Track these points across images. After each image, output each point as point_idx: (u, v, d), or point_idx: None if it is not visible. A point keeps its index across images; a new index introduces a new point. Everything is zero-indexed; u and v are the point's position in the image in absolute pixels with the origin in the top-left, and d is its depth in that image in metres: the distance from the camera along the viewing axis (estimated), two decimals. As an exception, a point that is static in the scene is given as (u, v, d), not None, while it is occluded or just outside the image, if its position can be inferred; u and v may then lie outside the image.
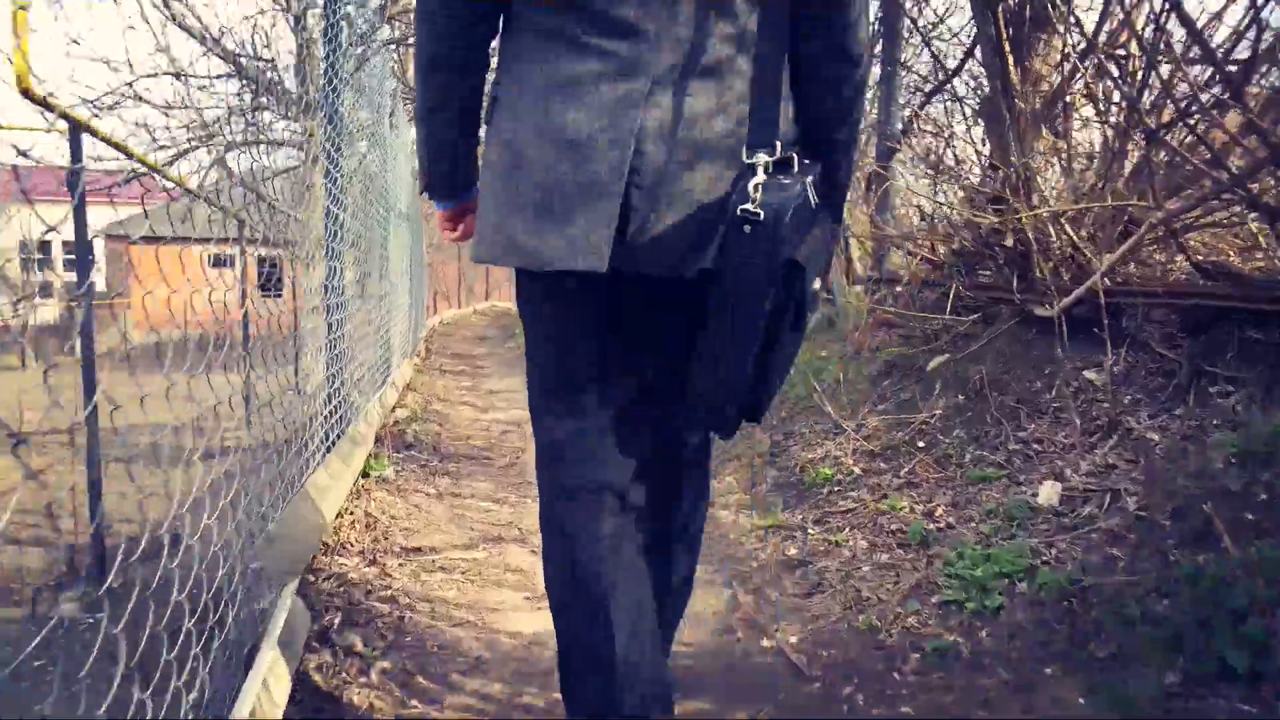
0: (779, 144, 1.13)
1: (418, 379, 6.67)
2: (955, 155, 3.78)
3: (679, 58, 1.13)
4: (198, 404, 1.60)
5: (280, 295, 3.52)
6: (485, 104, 1.27)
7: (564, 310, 1.28)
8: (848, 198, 1.43)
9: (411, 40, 8.04)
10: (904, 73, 4.76)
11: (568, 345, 1.30)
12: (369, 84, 5.24)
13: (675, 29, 1.12)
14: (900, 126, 4.47)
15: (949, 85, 3.86)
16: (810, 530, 2.68)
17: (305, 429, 2.62)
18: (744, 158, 1.13)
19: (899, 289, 4.49)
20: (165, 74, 7.19)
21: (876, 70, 5.11)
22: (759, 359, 1.15)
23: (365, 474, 3.24)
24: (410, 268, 7.39)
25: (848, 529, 2.61)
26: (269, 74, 7.12)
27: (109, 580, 1.20)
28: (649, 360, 1.32)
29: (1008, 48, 3.32)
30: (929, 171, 4.02)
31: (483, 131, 1.29)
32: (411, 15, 7.79)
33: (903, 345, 3.90)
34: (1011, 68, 3.28)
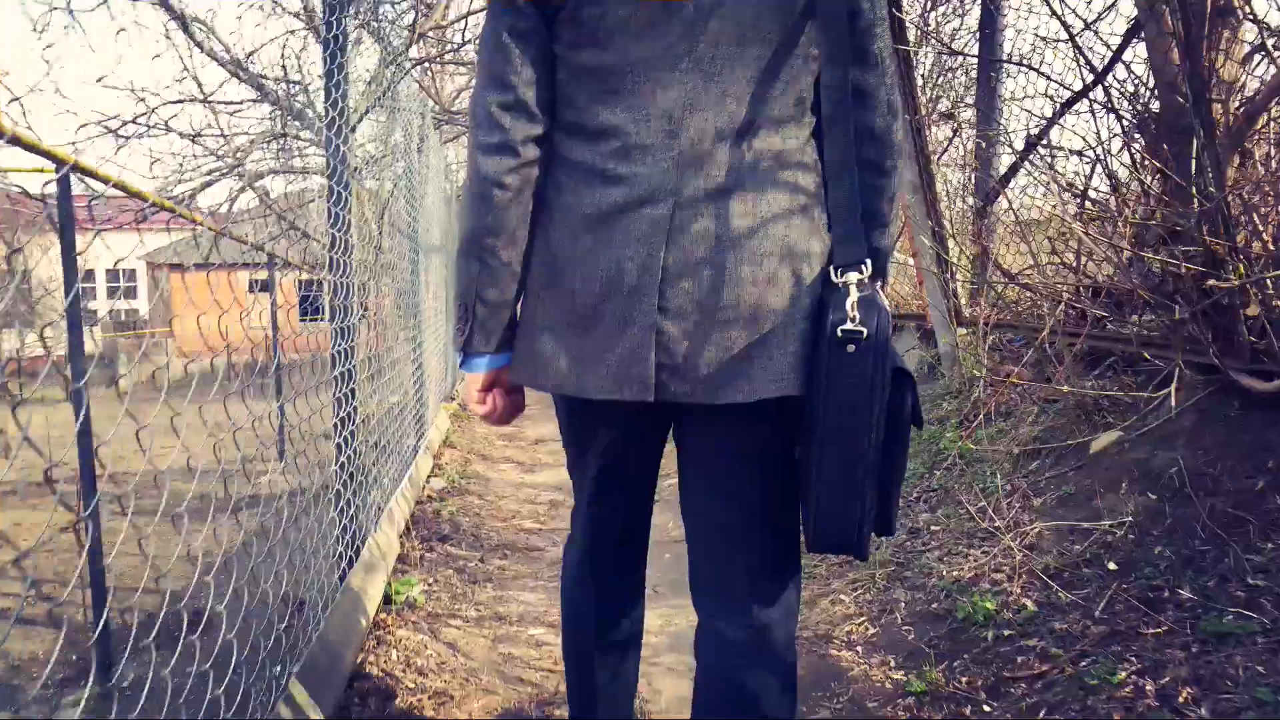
0: (868, 261, 1.14)
1: (454, 429, 6.05)
2: (1111, 178, 3.03)
3: (706, 177, 1.14)
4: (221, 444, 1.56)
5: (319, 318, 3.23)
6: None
7: (608, 440, 1.33)
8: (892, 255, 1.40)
9: (447, 56, 7.49)
10: (1007, 76, 4.03)
11: (612, 476, 1.37)
12: (401, 104, 4.64)
13: (700, 147, 1.14)
14: (1015, 144, 3.73)
15: (1092, 91, 3.12)
16: (986, 706, 1.96)
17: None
18: (834, 278, 1.14)
19: (1017, 337, 3.75)
20: (191, 100, 6.72)
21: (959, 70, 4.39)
22: (885, 451, 1.13)
23: (387, 599, 2.58)
24: (447, 303, 6.79)
25: (1044, 710, 1.88)
26: (299, 98, 6.60)
27: (115, 677, 1.19)
28: (715, 501, 1.27)
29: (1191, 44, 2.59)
30: (1068, 198, 3.28)
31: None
32: (444, 31, 7.22)
33: (1044, 414, 3.16)
34: (1203, 68, 2.54)
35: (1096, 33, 3.16)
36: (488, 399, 1.30)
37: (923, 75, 4.27)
